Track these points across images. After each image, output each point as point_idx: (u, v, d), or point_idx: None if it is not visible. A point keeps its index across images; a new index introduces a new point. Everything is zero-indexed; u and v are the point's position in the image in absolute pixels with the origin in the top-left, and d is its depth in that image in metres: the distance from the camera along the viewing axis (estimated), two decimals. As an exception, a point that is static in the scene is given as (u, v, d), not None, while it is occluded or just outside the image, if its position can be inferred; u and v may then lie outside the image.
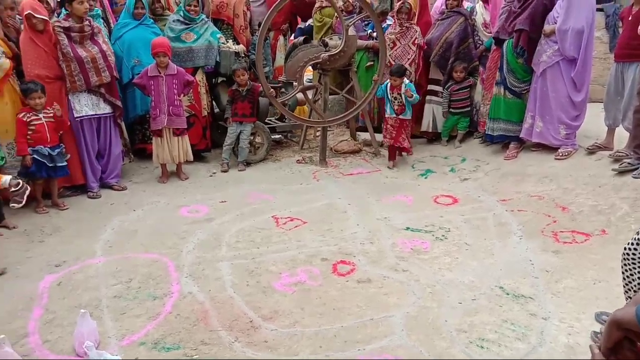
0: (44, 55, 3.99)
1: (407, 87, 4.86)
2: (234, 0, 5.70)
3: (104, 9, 5.05)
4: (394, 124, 5.01)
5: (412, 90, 4.87)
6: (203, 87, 5.22)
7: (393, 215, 3.81)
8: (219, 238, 3.48)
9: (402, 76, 4.89)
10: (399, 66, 4.95)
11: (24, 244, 3.45)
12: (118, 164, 4.58)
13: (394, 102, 4.95)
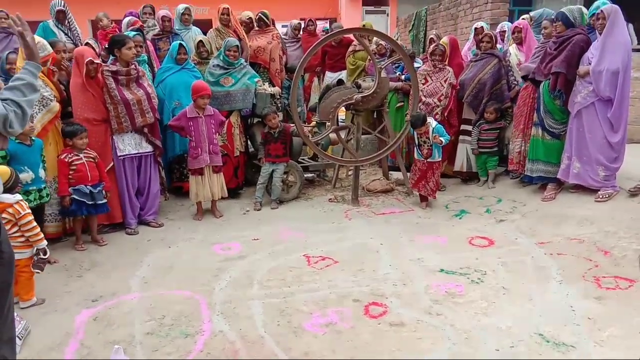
0: (92, 99, 4.22)
1: (435, 132, 4.80)
2: (270, 45, 5.93)
3: (149, 54, 5.34)
4: (422, 167, 4.98)
5: (441, 133, 4.81)
6: (237, 128, 5.37)
7: (427, 257, 3.75)
8: (251, 276, 3.49)
9: (423, 125, 4.82)
10: (417, 116, 4.85)
11: (63, 279, 3.55)
12: (156, 201, 4.72)
13: (423, 145, 4.93)
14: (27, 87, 2.00)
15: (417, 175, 5.01)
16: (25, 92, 1.98)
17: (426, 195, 5.03)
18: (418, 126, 4.82)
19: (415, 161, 5.09)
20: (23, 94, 1.96)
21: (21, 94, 1.96)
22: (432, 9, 10.01)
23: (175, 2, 6.80)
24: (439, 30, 8.95)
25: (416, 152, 5.03)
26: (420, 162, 4.99)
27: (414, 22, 10.55)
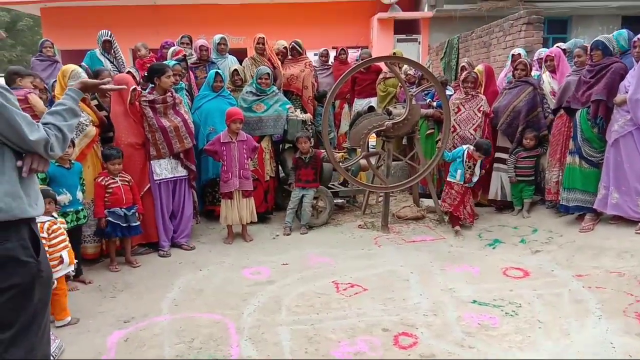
0: (134, 124, 4.39)
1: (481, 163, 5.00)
2: (303, 73, 6.06)
3: (190, 82, 5.53)
4: (460, 190, 4.98)
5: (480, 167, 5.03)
6: (268, 154, 5.46)
7: (458, 287, 3.67)
8: (279, 301, 3.49)
9: (486, 155, 4.98)
10: (488, 145, 4.99)
11: (97, 299, 3.63)
12: (189, 224, 4.80)
13: (467, 170, 4.94)
14: (68, 112, 2.09)
15: (456, 200, 5.00)
16: (66, 116, 2.07)
17: (464, 220, 5.02)
18: (484, 154, 4.94)
19: (450, 184, 5.07)
20: (64, 118, 2.06)
21: (62, 119, 2.05)
22: (464, 36, 10.03)
23: (213, 32, 7.07)
24: (471, 57, 8.94)
25: (459, 175, 5.00)
26: (459, 185, 5.00)
27: (445, 50, 10.57)
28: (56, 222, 3.22)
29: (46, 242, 3.06)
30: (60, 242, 3.18)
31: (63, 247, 3.20)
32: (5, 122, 1.81)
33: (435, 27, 12.29)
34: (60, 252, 3.16)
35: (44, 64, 6.36)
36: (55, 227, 3.17)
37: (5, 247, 1.85)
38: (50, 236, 3.11)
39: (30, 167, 1.91)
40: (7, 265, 1.86)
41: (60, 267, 3.14)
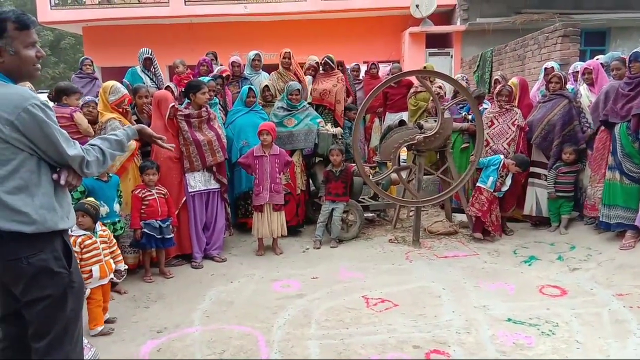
0: (172, 138, 4.51)
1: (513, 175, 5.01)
2: (335, 88, 6.11)
3: (224, 98, 5.66)
4: (488, 197, 5.00)
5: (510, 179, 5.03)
6: (299, 167, 5.51)
7: (492, 304, 3.57)
8: (309, 315, 3.48)
9: (523, 170, 5.04)
10: (526, 162, 5.09)
11: (131, 309, 3.70)
12: (221, 236, 4.87)
13: (499, 179, 4.97)
14: (117, 143, 2.23)
15: (485, 206, 5.01)
16: (113, 145, 2.20)
17: (488, 226, 5.04)
18: (522, 168, 5.01)
19: (480, 189, 5.07)
20: (111, 146, 2.18)
21: (109, 145, 2.17)
22: (498, 49, 9.91)
23: (246, 49, 7.22)
24: (505, 71, 8.81)
25: (490, 181, 5.00)
26: (488, 192, 5.02)
27: (479, 63, 10.46)
28: (91, 237, 3.27)
29: (78, 255, 3.14)
30: (92, 257, 3.23)
31: (94, 261, 3.24)
32: (46, 137, 1.90)
33: (468, 40, 12.19)
34: (90, 267, 3.21)
35: (83, 80, 6.62)
36: (88, 242, 3.23)
37: (39, 258, 1.92)
38: (82, 250, 3.18)
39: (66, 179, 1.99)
40: (40, 276, 1.93)
41: (90, 281, 3.20)
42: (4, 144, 1.83)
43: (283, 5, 12.60)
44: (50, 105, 2.03)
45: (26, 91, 1.91)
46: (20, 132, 1.84)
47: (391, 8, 12.51)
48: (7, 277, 1.96)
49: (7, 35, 1.88)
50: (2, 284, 2.01)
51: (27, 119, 1.84)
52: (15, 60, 1.91)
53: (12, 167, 1.86)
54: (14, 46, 1.90)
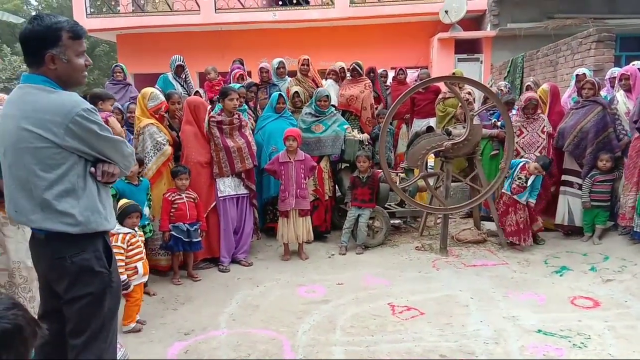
0: (203, 144, 4.62)
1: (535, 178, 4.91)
2: (362, 94, 6.11)
3: (255, 105, 5.74)
4: (507, 201, 5.01)
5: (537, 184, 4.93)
6: (326, 173, 5.52)
7: (522, 314, 3.49)
8: (334, 321, 3.47)
9: (545, 170, 4.94)
10: (551, 161, 5.00)
11: (160, 310, 3.77)
12: (248, 240, 4.93)
13: (515, 180, 4.92)
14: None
15: (502, 208, 5.07)
16: None
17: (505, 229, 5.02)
18: (543, 167, 4.90)
19: (502, 195, 5.08)
20: None
21: None
22: (529, 55, 9.73)
23: (274, 55, 7.29)
24: (537, 77, 8.63)
25: (507, 184, 5.01)
26: (506, 195, 5.04)
27: (509, 69, 10.28)
28: (135, 235, 3.43)
29: (124, 252, 3.27)
30: (136, 254, 3.40)
31: (139, 258, 3.41)
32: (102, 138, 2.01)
33: (498, 45, 11.99)
34: (135, 263, 3.36)
35: (116, 87, 6.80)
36: (134, 239, 3.39)
37: (82, 258, 2.00)
38: (128, 247, 3.32)
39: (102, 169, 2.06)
40: (82, 275, 2.00)
41: (135, 277, 3.35)
42: (56, 149, 1.92)
43: (311, 12, 12.69)
44: None
45: (78, 97, 2.00)
46: (76, 136, 1.93)
47: (420, 14, 12.44)
48: (51, 275, 2.05)
49: (62, 44, 1.97)
50: (46, 281, 2.10)
51: (82, 123, 1.92)
52: (68, 68, 2.00)
53: (62, 171, 1.94)
54: (67, 55, 1.99)
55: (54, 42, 1.95)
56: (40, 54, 1.94)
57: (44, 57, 1.94)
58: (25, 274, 2.93)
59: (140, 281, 3.42)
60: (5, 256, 2.94)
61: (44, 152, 1.91)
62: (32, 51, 1.96)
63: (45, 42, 1.94)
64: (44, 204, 1.93)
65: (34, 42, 1.95)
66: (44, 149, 1.91)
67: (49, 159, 1.92)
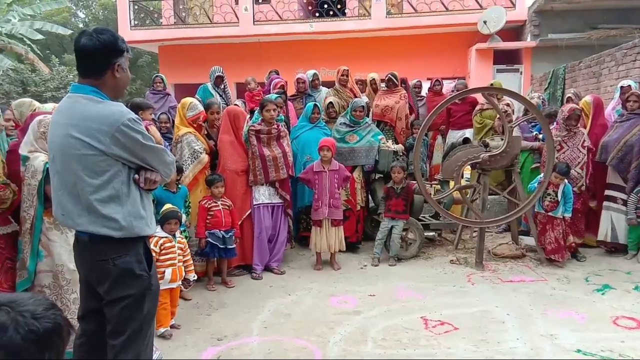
0: (240, 152, 4.71)
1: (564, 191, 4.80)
2: (397, 105, 6.09)
3: (287, 115, 5.82)
4: (542, 219, 4.90)
5: (569, 194, 4.80)
6: (359, 183, 5.51)
7: (561, 333, 3.38)
8: (365, 333, 3.45)
9: (566, 176, 4.80)
10: (568, 166, 4.84)
11: (194, 316, 3.84)
12: (282, 249, 4.97)
13: (546, 197, 4.81)
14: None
15: (539, 227, 4.95)
16: None
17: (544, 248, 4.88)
18: (562, 174, 4.77)
19: (535, 214, 5.01)
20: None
21: None
22: (571, 66, 9.47)
23: (311, 66, 7.38)
24: (579, 88, 8.39)
25: (537, 203, 4.89)
26: (540, 214, 4.95)
27: (550, 80, 10.03)
28: (171, 240, 3.51)
29: (156, 256, 3.34)
30: (167, 260, 3.47)
31: (169, 264, 3.48)
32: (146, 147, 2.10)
33: (539, 56, 11.72)
34: (164, 269, 3.42)
35: (157, 96, 7.02)
36: (168, 244, 3.46)
37: (124, 261, 2.07)
38: (160, 251, 3.40)
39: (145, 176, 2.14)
40: (124, 277, 2.08)
41: (160, 282, 3.37)
42: (102, 156, 2.00)
43: (347, 23, 12.77)
44: None
45: (124, 107, 2.10)
46: (121, 144, 2.01)
47: (457, 25, 12.32)
48: (93, 276, 2.14)
49: (124, 55, 2.11)
50: (88, 283, 2.18)
51: (127, 132, 2.01)
52: (125, 77, 2.15)
53: (107, 177, 2.03)
54: (125, 65, 2.13)
55: (121, 52, 2.09)
56: (109, 62, 2.06)
57: (113, 66, 2.06)
58: (69, 276, 3.05)
59: (165, 287, 3.41)
60: (50, 259, 3.07)
61: (90, 159, 1.99)
62: (100, 60, 2.06)
63: (116, 52, 2.07)
64: (89, 208, 2.02)
65: (104, 52, 2.05)
66: (91, 156, 1.99)
67: (95, 166, 2.00)
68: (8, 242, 3.14)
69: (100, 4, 25.07)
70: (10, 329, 1.02)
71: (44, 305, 1.10)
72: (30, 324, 1.04)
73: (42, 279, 3.10)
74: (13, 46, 15.99)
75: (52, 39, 21.08)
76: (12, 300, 1.08)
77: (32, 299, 1.10)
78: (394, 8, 13.19)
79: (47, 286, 3.09)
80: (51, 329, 1.07)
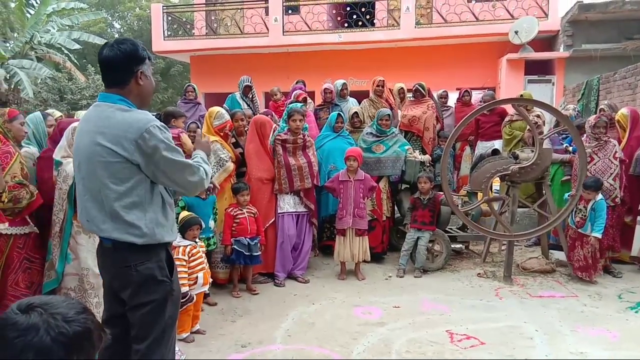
0: (266, 161, 4.77)
1: (595, 206, 4.63)
2: (425, 115, 6.06)
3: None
4: (572, 234, 4.81)
5: (600, 210, 4.59)
6: (385, 194, 5.49)
7: (592, 351, 3.27)
8: (389, 345, 3.41)
9: (596, 190, 4.63)
10: (596, 180, 4.70)
11: (219, 322, 3.88)
12: (306, 257, 4.98)
13: (578, 213, 4.70)
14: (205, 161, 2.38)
15: (569, 242, 4.86)
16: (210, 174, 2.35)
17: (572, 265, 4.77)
18: (594, 189, 4.63)
19: (567, 227, 4.89)
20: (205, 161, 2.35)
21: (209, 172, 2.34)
22: (605, 77, 9.23)
23: (338, 76, 7.42)
24: (614, 100, 8.16)
25: (570, 218, 4.78)
26: (571, 229, 4.84)
27: (583, 92, 9.80)
28: (196, 247, 3.59)
29: (186, 263, 3.43)
30: (198, 265, 3.56)
31: (200, 269, 3.57)
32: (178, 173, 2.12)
33: (572, 67, 11.46)
34: (197, 274, 3.51)
35: (187, 105, 7.17)
36: (194, 250, 3.55)
37: (146, 267, 2.10)
38: (190, 259, 3.49)
39: None
40: (146, 283, 2.11)
41: (195, 287, 3.50)
42: (126, 163, 2.03)
43: (376, 33, 12.78)
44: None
45: (150, 115, 2.12)
46: (141, 150, 2.02)
47: (488, 34, 12.19)
48: (116, 282, 2.17)
49: (147, 62, 2.14)
50: (111, 288, 2.22)
51: (148, 139, 2.01)
52: (150, 85, 2.18)
53: (130, 184, 2.05)
54: (149, 72, 2.16)
55: (142, 60, 2.12)
56: (132, 70, 2.09)
57: (136, 73, 2.10)
58: (93, 280, 3.13)
59: (200, 290, 3.57)
60: (77, 262, 3.16)
61: (115, 166, 2.02)
62: (123, 69, 2.09)
63: (137, 60, 2.10)
64: (113, 214, 2.05)
65: (126, 60, 2.09)
66: (116, 163, 2.02)
67: (120, 173, 2.03)
68: (27, 242, 3.23)
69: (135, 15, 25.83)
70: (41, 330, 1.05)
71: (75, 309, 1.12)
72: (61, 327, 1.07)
73: (69, 281, 3.19)
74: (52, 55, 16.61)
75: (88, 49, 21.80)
76: (46, 302, 1.11)
77: (65, 302, 1.13)
78: (423, 18, 13.15)
79: (72, 289, 3.18)
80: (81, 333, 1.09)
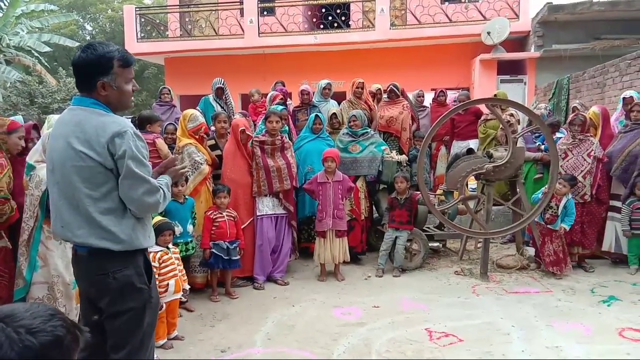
0: (242, 162, 4.74)
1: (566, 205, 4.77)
2: (401, 116, 6.12)
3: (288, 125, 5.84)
4: (542, 230, 4.89)
5: (571, 208, 4.77)
6: (363, 193, 5.51)
7: (566, 345, 3.35)
8: (369, 345, 3.43)
9: (571, 187, 4.78)
10: (573, 177, 4.84)
11: (198, 327, 3.84)
12: (285, 260, 4.97)
13: (548, 210, 4.80)
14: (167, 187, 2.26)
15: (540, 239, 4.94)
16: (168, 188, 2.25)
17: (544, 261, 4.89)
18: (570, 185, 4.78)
19: (537, 223, 4.99)
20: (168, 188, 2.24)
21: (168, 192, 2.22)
22: (575, 77, 9.49)
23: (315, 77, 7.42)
24: (584, 99, 8.40)
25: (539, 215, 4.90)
26: (540, 225, 4.93)
27: (554, 91, 10.05)
28: (167, 253, 3.52)
29: (156, 270, 3.34)
30: (169, 272, 3.48)
31: (171, 276, 3.48)
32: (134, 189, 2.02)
33: (543, 67, 11.75)
34: (167, 281, 3.43)
35: (163, 108, 7.07)
36: (166, 257, 3.47)
37: (124, 274, 2.06)
38: (160, 265, 3.40)
39: None
40: (124, 290, 2.07)
41: (165, 295, 3.40)
42: (100, 168, 1.99)
43: (352, 34, 12.86)
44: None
45: (124, 120, 2.07)
46: (111, 154, 1.98)
47: (461, 36, 12.39)
48: (93, 290, 2.12)
49: (113, 72, 2.05)
50: (87, 297, 2.17)
51: (118, 143, 1.97)
52: (117, 94, 2.09)
53: (105, 189, 2.02)
54: (117, 82, 2.07)
55: (105, 71, 2.03)
56: (92, 81, 2.03)
57: (96, 84, 2.03)
58: (63, 288, 3.05)
59: (170, 299, 3.46)
60: (46, 269, 3.07)
61: (89, 170, 1.99)
62: (84, 78, 2.05)
63: (97, 70, 2.02)
64: (89, 220, 2.00)
65: (87, 69, 2.03)
66: (90, 167, 1.98)
67: (94, 178, 1.99)
68: None
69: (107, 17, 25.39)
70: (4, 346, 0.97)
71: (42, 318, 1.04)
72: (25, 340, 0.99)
73: (36, 291, 3.09)
74: (21, 58, 16.17)
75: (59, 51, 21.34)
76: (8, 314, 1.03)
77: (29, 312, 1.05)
78: (397, 20, 13.29)
79: (40, 299, 3.08)
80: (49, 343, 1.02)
